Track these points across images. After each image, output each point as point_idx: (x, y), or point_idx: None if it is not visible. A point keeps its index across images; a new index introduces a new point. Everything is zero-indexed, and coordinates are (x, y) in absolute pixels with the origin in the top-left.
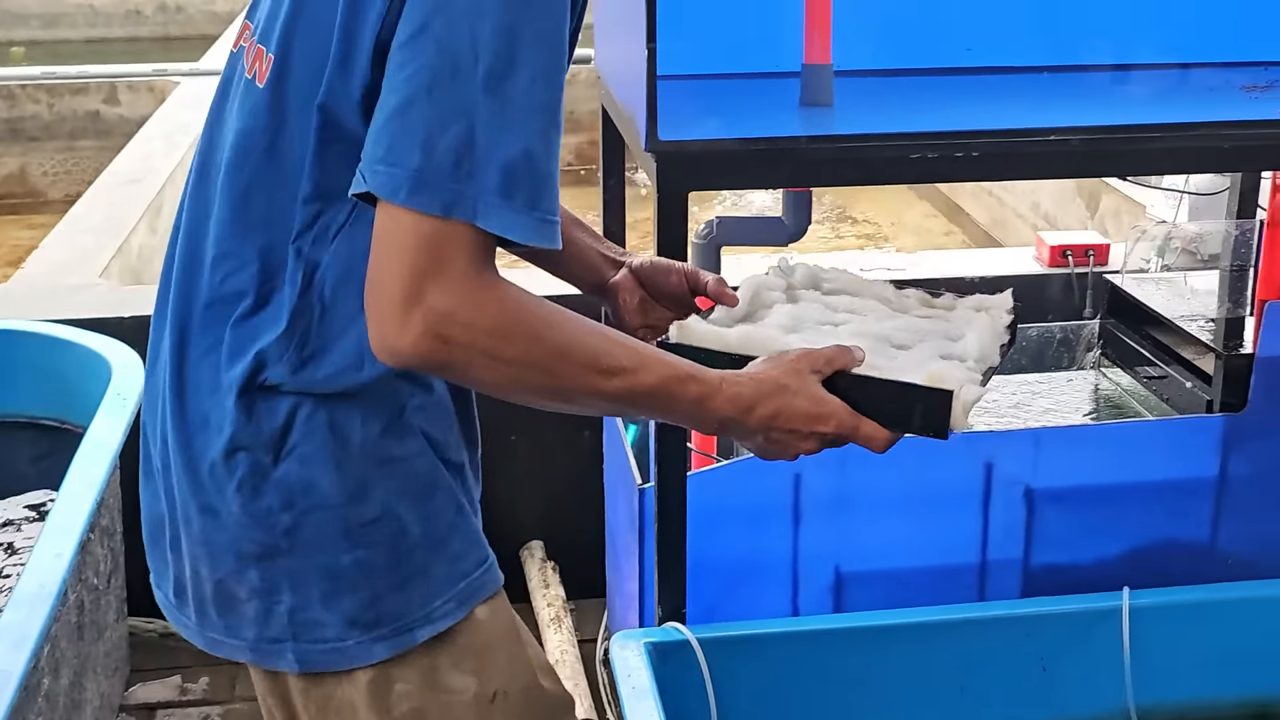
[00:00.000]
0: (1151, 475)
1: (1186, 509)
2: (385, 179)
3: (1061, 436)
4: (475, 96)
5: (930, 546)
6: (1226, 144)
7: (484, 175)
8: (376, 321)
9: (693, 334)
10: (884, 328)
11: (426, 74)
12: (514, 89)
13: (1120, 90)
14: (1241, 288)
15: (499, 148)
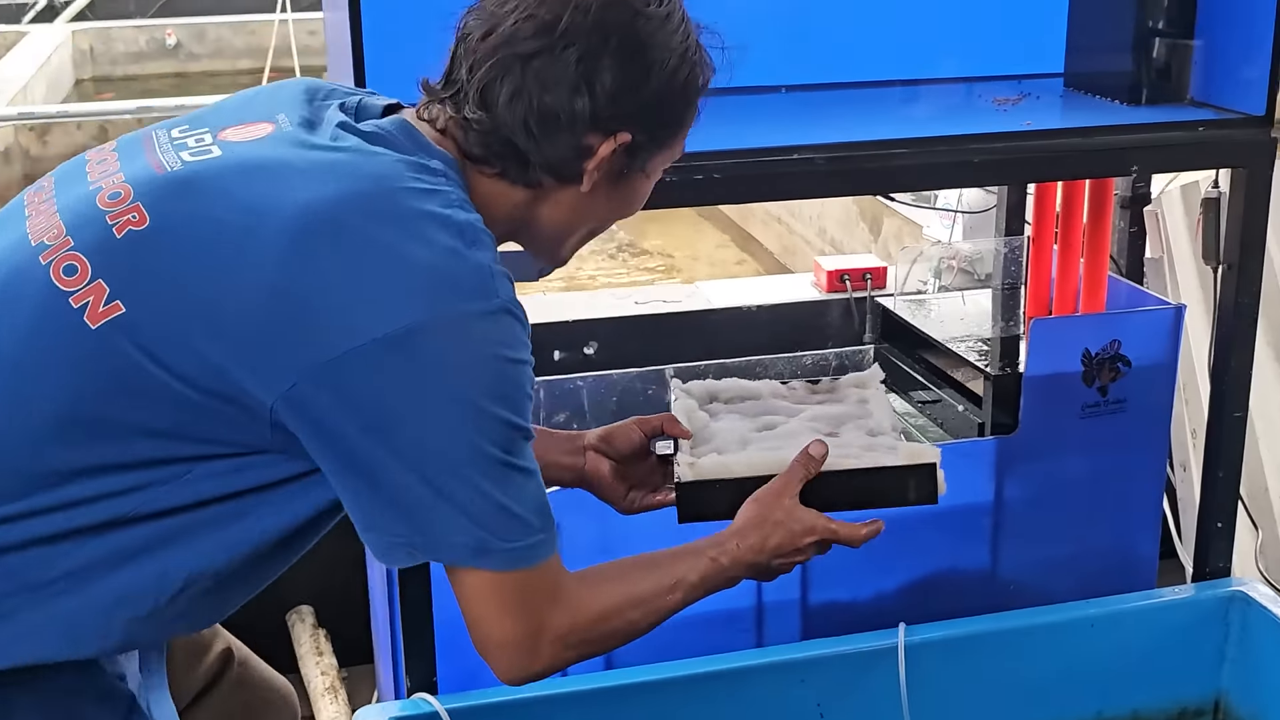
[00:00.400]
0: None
1: (963, 537)
2: (460, 552)
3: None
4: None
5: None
6: (976, 158)
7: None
8: (506, 664)
9: (706, 470)
10: (808, 424)
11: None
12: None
13: (869, 107)
14: (1014, 305)
15: (520, 501)
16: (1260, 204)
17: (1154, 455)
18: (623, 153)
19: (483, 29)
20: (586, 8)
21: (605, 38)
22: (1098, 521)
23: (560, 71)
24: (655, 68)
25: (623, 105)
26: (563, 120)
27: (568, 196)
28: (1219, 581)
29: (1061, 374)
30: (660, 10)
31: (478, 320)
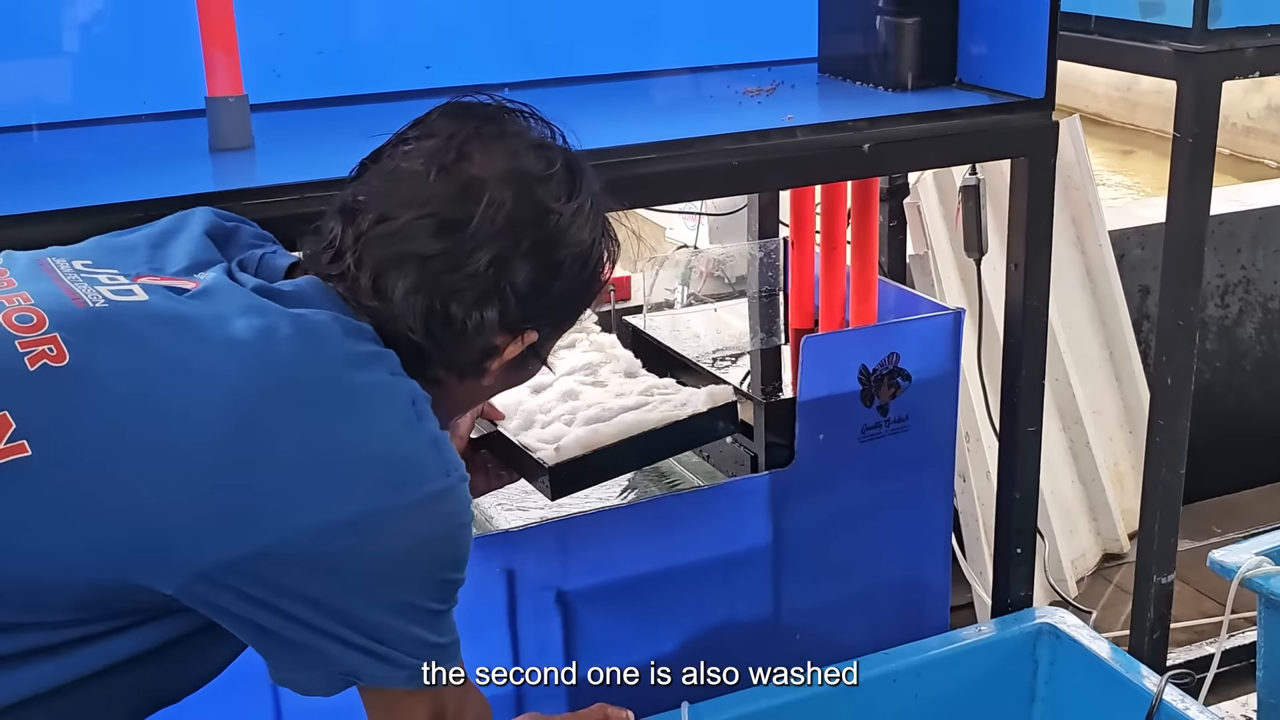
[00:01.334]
0: (701, 553)
1: (744, 586)
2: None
3: (592, 524)
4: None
5: None
6: (735, 160)
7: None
8: None
9: (570, 449)
10: (574, 378)
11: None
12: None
13: (603, 107)
14: (773, 315)
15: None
16: (1045, 196)
17: (941, 475)
18: (528, 347)
19: (375, 213)
20: (498, 207)
21: (517, 240)
22: (886, 553)
23: (468, 278)
24: (566, 265)
25: (533, 306)
26: (469, 328)
27: (463, 386)
28: (1022, 615)
29: (838, 395)
30: (571, 205)
31: (438, 499)
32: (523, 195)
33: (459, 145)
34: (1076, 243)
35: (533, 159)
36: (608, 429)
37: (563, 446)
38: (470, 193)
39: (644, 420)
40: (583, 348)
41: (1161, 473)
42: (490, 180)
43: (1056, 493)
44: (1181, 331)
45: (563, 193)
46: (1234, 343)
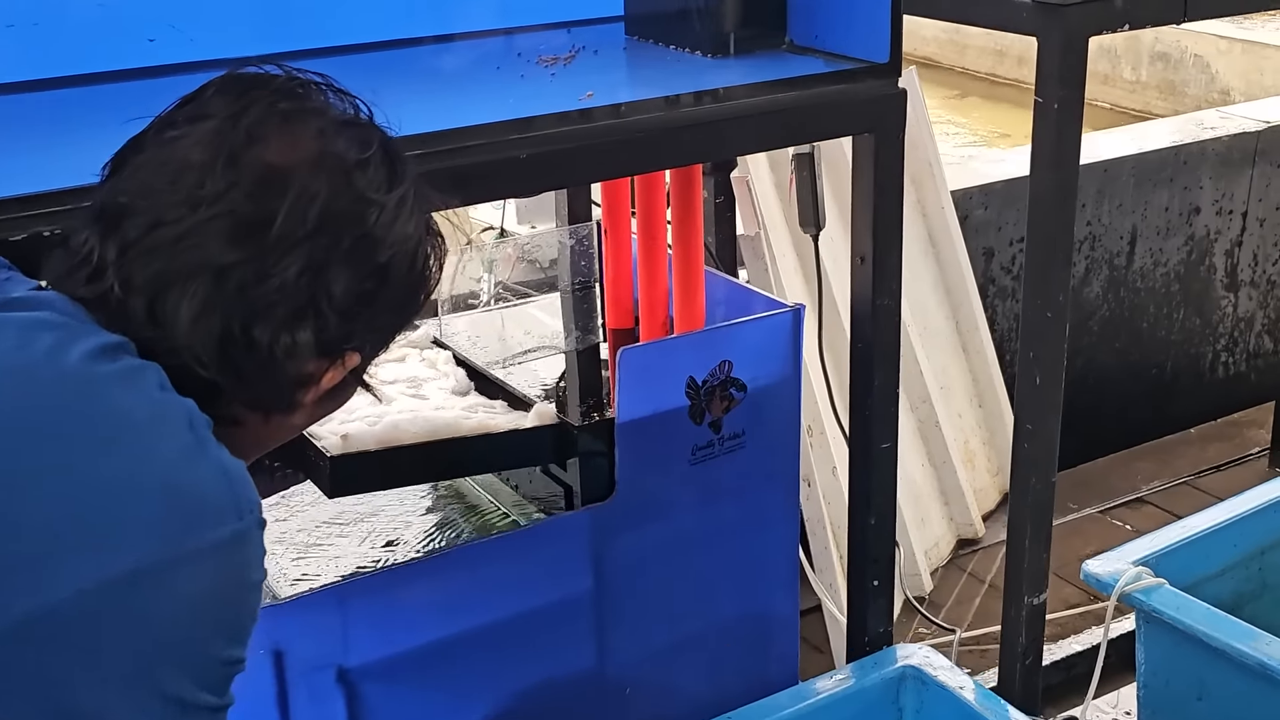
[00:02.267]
0: (509, 609)
1: (563, 640)
2: None
3: (376, 586)
4: None
5: None
6: (523, 154)
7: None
8: None
9: (358, 441)
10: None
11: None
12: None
13: (357, 83)
14: (589, 310)
15: None
16: (894, 176)
17: (785, 495)
18: (348, 373)
19: (146, 217)
20: (308, 200)
21: (335, 239)
22: (726, 587)
23: (276, 293)
24: (392, 267)
25: (356, 322)
26: (278, 355)
27: (268, 425)
28: (883, 657)
29: (663, 413)
30: (394, 195)
31: (227, 549)
32: (338, 186)
33: (249, 127)
34: (917, 205)
35: (344, 140)
36: (411, 427)
37: (352, 436)
38: (271, 185)
39: (455, 426)
40: (413, 361)
41: (1030, 482)
42: (296, 168)
43: (906, 479)
44: (1050, 324)
45: (382, 180)
46: (1080, 303)
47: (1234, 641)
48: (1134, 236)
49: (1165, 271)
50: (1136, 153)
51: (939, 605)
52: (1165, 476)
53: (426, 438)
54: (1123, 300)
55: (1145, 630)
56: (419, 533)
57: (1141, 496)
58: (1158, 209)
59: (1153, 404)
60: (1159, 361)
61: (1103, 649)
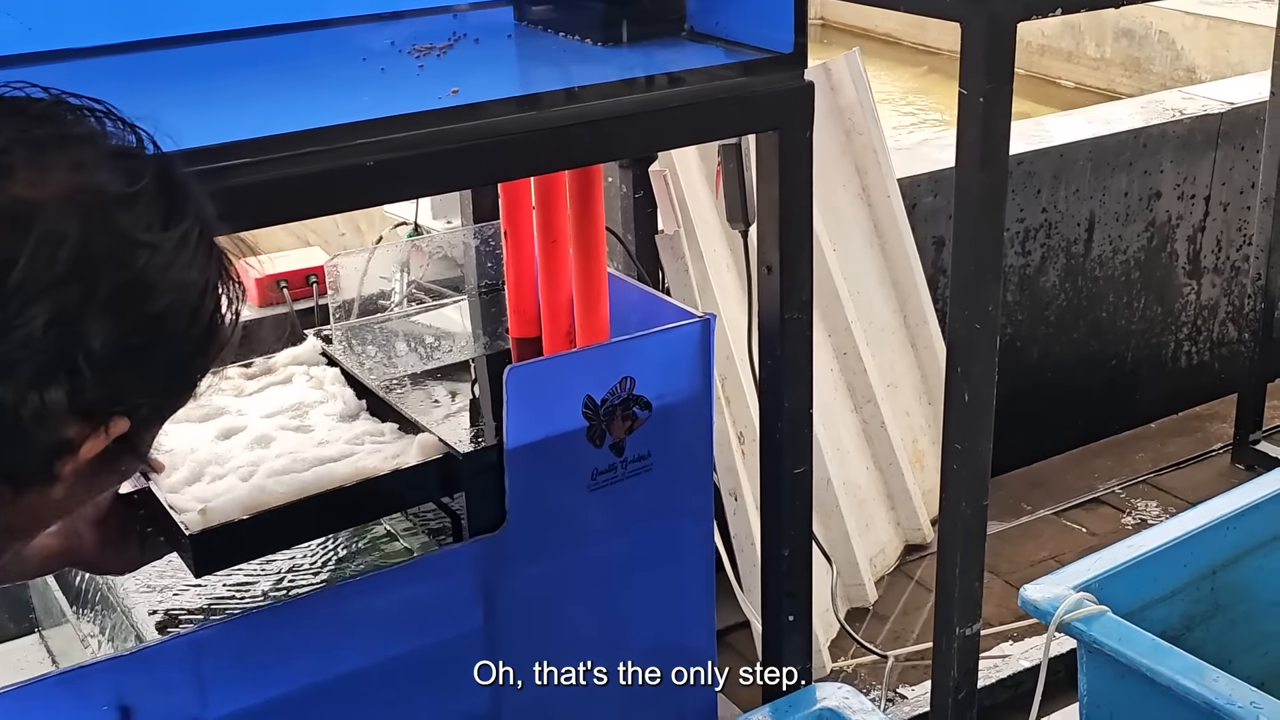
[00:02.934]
0: (389, 651)
1: (451, 685)
2: None
3: (235, 633)
4: None
5: None
6: (370, 160)
7: None
8: None
9: (220, 513)
10: (272, 420)
11: None
12: None
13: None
14: (499, 314)
15: None
16: (800, 177)
17: (696, 519)
18: (117, 441)
19: None
20: (57, 240)
21: (91, 286)
22: (635, 621)
23: (19, 346)
24: (167, 318)
25: (119, 382)
26: (24, 417)
27: (22, 501)
28: (799, 699)
29: (557, 435)
30: (170, 235)
31: None
32: (94, 224)
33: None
34: (862, 195)
35: (108, 172)
36: (277, 487)
37: (211, 508)
38: (14, 223)
39: (328, 476)
40: (300, 383)
41: (960, 505)
42: (43, 203)
43: (849, 483)
44: (979, 336)
45: (155, 219)
46: (1036, 293)
47: (1179, 677)
48: (1092, 223)
49: (1125, 259)
50: (1094, 136)
51: (885, 616)
52: (1124, 474)
53: (298, 495)
54: (1080, 289)
55: (1087, 660)
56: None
57: (1099, 496)
58: (1116, 194)
59: (1112, 397)
60: (1119, 352)
61: (1041, 678)
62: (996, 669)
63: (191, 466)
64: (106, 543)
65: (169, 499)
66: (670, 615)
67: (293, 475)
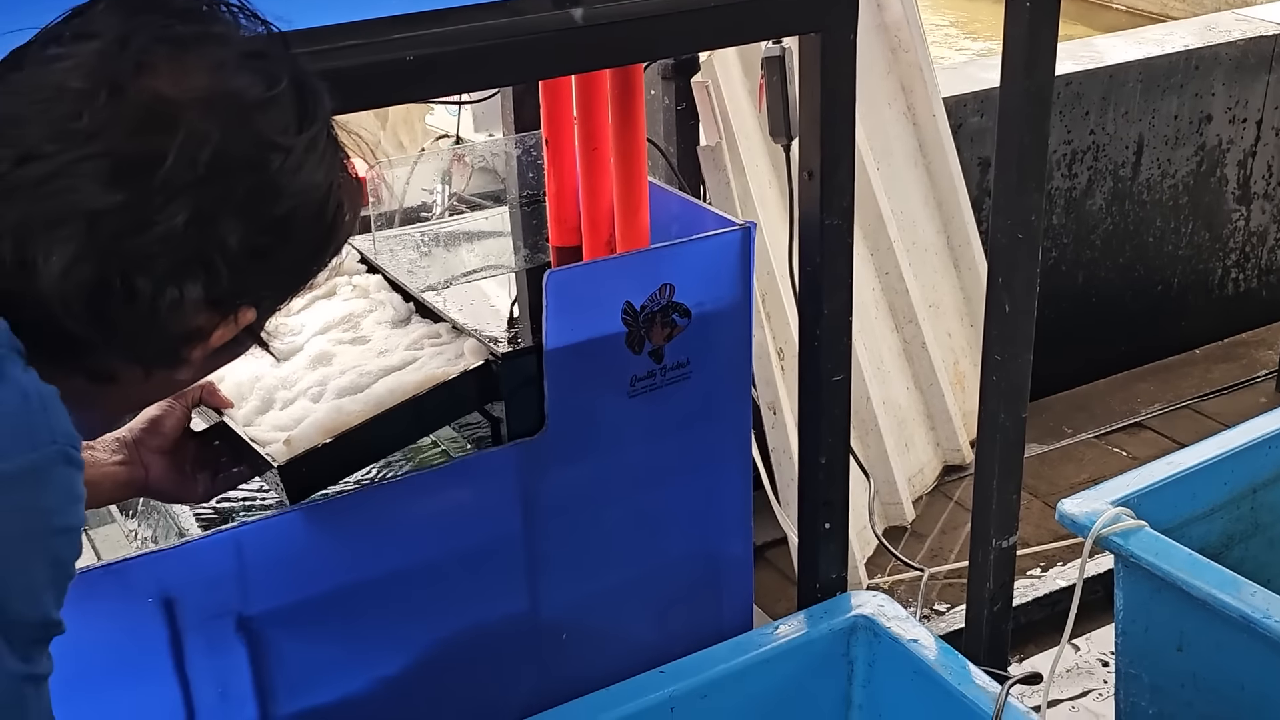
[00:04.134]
0: (428, 551)
1: (489, 584)
2: None
3: (276, 531)
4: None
5: None
6: (409, 53)
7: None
8: None
9: (302, 442)
10: (330, 337)
11: None
12: None
13: None
14: (539, 226)
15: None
16: (843, 82)
17: (735, 428)
18: (242, 329)
19: (15, 150)
20: (199, 142)
21: (229, 187)
22: (672, 527)
23: (159, 243)
24: (295, 219)
25: (251, 276)
26: (162, 308)
27: (150, 381)
28: (834, 605)
29: (596, 340)
30: (302, 138)
31: (15, 486)
32: (235, 127)
33: (138, 52)
34: (907, 113)
35: (248, 75)
36: (353, 405)
37: (295, 437)
38: (159, 122)
39: (400, 386)
40: (344, 294)
41: (999, 417)
42: (188, 104)
43: (889, 402)
44: (1021, 246)
45: (290, 122)
46: (1082, 216)
47: (1216, 591)
48: (1140, 146)
49: (1173, 183)
50: (1145, 57)
51: (923, 535)
52: (1167, 399)
53: (374, 410)
54: (1127, 213)
55: (1124, 575)
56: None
57: (1140, 421)
58: (1166, 117)
59: (1157, 322)
60: (1165, 278)
61: (1077, 595)
62: (1033, 588)
63: (260, 395)
64: (177, 473)
65: (249, 432)
66: (707, 523)
67: (367, 392)
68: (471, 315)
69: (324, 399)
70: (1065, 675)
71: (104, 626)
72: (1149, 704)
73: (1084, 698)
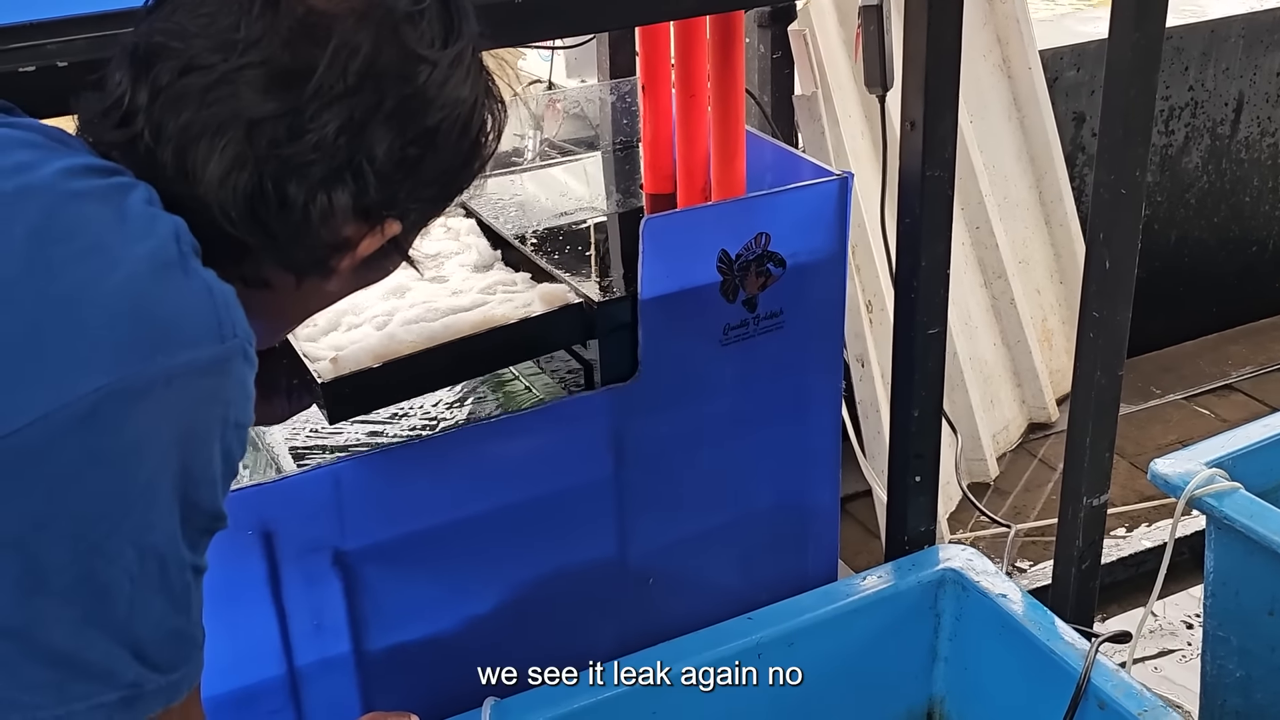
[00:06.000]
0: (520, 493)
1: (579, 528)
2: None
3: (373, 467)
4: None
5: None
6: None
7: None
8: None
9: (350, 362)
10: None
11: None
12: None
13: None
14: (632, 171)
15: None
16: (949, 30)
17: (826, 379)
18: (388, 242)
19: (179, 61)
20: (350, 53)
21: (378, 99)
22: (761, 476)
23: (312, 150)
24: (441, 132)
25: (398, 188)
26: (313, 215)
27: (300, 290)
28: (922, 558)
29: (691, 289)
30: (449, 53)
31: (203, 375)
32: (384, 38)
33: None
34: (1002, 66)
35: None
36: (407, 336)
37: (343, 357)
38: (312, 33)
39: (457, 325)
40: (436, 234)
41: (1095, 375)
42: (339, 16)
43: (976, 358)
44: (1124, 202)
45: (437, 35)
46: (1177, 174)
47: None
48: (1240, 103)
49: (1273, 142)
50: (1249, 11)
51: (1005, 492)
52: (1258, 362)
53: (426, 343)
54: (1224, 172)
55: (1216, 537)
56: (436, 402)
57: (1231, 383)
58: (1268, 74)
59: (1250, 284)
60: (1260, 239)
61: (1167, 555)
62: (1118, 548)
63: (329, 315)
64: (258, 395)
65: (304, 348)
66: (796, 473)
67: (423, 324)
68: (561, 261)
69: (387, 328)
70: (1147, 636)
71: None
72: (1236, 667)
73: (1164, 657)
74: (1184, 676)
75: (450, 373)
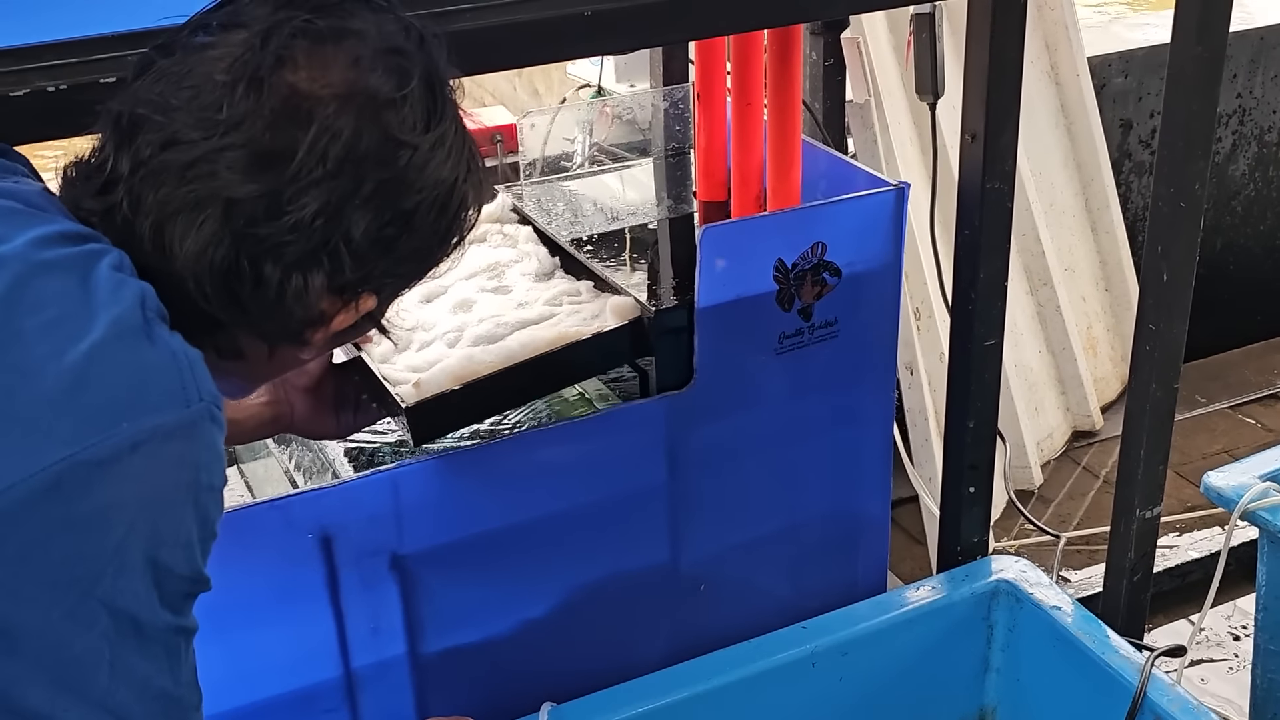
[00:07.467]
0: (575, 499)
1: (632, 534)
2: None
3: (431, 474)
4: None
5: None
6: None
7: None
8: None
9: (431, 385)
10: (475, 281)
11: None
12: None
13: None
14: (684, 178)
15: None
16: (1013, 41)
17: (880, 390)
18: (363, 315)
19: (161, 135)
20: (331, 137)
21: (358, 182)
22: (812, 485)
23: (289, 231)
24: (419, 213)
25: (373, 267)
26: (288, 293)
27: (274, 358)
28: (976, 569)
29: (748, 298)
30: (430, 136)
31: (170, 440)
32: (366, 123)
33: (279, 47)
34: (1050, 73)
35: (381, 72)
36: (485, 356)
37: (425, 381)
38: (295, 115)
39: (532, 341)
40: (493, 241)
41: (1150, 388)
42: (323, 100)
43: (1021, 365)
44: (1184, 215)
45: (419, 119)
46: (1224, 181)
47: None
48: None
49: None
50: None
51: (1049, 500)
52: None
53: (505, 363)
54: (1271, 180)
55: (1269, 551)
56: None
57: (1276, 392)
58: None
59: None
60: None
61: (1220, 568)
62: (1164, 558)
63: (401, 335)
64: (318, 409)
65: (383, 370)
66: (847, 482)
67: (499, 344)
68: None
69: (459, 345)
70: (1194, 647)
71: (267, 559)
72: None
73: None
74: (1228, 689)
75: (528, 390)
